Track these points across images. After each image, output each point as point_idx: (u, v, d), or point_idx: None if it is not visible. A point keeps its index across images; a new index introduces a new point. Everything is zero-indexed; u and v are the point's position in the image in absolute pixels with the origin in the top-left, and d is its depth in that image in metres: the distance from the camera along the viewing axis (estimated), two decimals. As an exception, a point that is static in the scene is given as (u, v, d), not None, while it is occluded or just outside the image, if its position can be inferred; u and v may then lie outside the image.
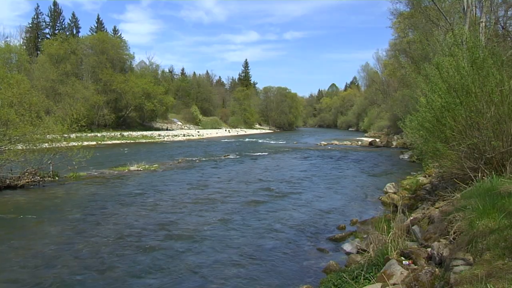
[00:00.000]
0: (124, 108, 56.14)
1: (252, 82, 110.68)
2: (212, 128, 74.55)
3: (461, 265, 3.87)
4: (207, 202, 11.56)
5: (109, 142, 38.12)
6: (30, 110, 14.74)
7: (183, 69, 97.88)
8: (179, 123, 72.18)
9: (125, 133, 47.58)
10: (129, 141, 40.48)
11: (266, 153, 29.50)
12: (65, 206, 11.10)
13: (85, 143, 21.14)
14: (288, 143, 42.71)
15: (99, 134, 43.12)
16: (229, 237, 8.24)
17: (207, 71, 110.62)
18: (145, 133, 51.16)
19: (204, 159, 24.41)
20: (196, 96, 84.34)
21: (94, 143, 31.98)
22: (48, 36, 63.36)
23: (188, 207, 10.87)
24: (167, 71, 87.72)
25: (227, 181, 15.82)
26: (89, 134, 33.37)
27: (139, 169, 18.56)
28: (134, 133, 49.01)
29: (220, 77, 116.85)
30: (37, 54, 58.69)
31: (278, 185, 14.99)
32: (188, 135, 53.78)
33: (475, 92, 6.77)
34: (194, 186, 14.36)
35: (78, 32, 67.41)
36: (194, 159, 24.17)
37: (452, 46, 8.23)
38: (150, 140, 43.06)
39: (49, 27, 65.98)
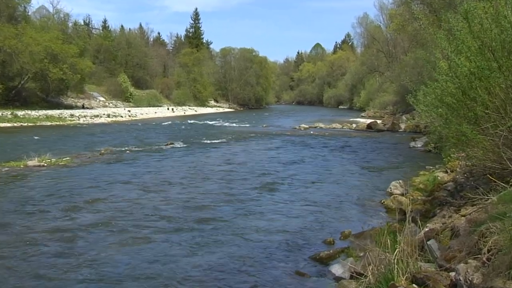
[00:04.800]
0: (17, 76, 54.12)
1: (205, 41, 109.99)
2: (149, 105, 73.63)
3: (501, 297, 3.83)
4: (137, 212, 11.29)
5: (-6, 125, 37.11)
6: None
7: (105, 21, 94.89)
8: (101, 98, 70.80)
9: (20, 113, 46.04)
10: (25, 124, 39.62)
11: (224, 141, 29.43)
12: None
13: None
14: (255, 127, 42.87)
15: (-22, 114, 41.75)
16: (164, 264, 8.01)
17: (140, 25, 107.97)
18: (50, 112, 49.88)
19: (137, 149, 24.17)
20: (125, 61, 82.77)
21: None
22: None
23: (109, 220, 10.56)
24: (82, 23, 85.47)
25: (169, 179, 15.60)
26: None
27: (42, 163, 18.18)
28: (34, 113, 47.68)
29: (159, 33, 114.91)
30: None
31: (240, 184, 14.91)
32: (115, 116, 53.19)
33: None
34: (121, 188, 14.05)
35: None
36: (123, 149, 23.91)
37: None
38: (58, 123, 42.37)
39: None
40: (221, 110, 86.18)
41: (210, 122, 48.67)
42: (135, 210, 11.44)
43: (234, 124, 46.25)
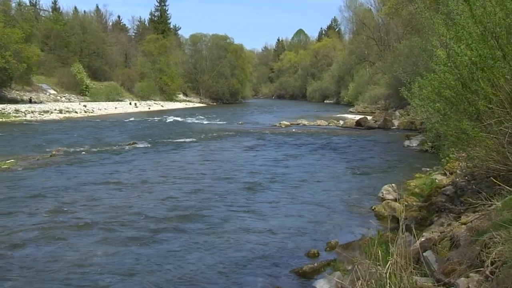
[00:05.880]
0: None
1: (172, 26, 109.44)
2: (108, 100, 72.89)
3: (506, 315, 3.84)
4: (91, 223, 11.12)
5: None
6: None
7: (55, 2, 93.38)
8: (52, 91, 69.86)
9: (-46, 108, 45.51)
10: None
11: (194, 140, 29.40)
12: None
13: None
14: (229, 124, 42.86)
15: None
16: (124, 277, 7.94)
17: (97, 7, 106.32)
18: (-9, 107, 49.30)
19: (94, 149, 23.98)
20: (80, 48, 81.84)
21: None
22: None
23: (57, 232, 10.42)
24: (27, 3, 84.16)
25: (130, 184, 15.50)
26: None
27: (-20, 167, 18.02)
28: (-29, 108, 47.10)
29: (119, 17, 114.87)
30: None
31: (213, 189, 14.87)
32: (68, 111, 52.72)
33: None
34: (75, 195, 13.85)
35: None
36: (77, 149, 23.73)
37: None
38: (0, 120, 42.11)
39: None
40: (191, 105, 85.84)
41: (179, 119, 48.45)
42: (88, 221, 11.27)
43: (206, 121, 46.23)
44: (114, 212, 12.10)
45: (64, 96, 69.65)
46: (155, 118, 49.56)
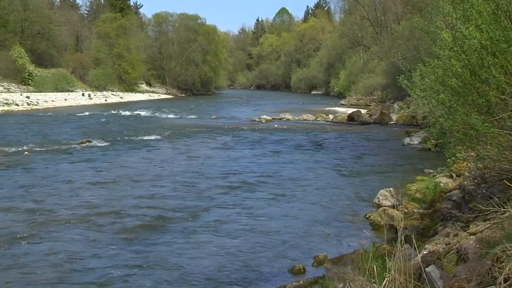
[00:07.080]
0: None
1: (132, 3, 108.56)
2: (56, 90, 72.12)
3: None
4: (25, 240, 11.04)
5: None
6: None
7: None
8: (-12, 80, 69.21)
9: None
10: None
11: (159, 138, 29.38)
12: None
13: None
14: (201, 119, 42.95)
15: None
16: None
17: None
18: None
19: (39, 149, 23.79)
20: (21, 28, 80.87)
21: None
22: None
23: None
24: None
25: (80, 189, 15.43)
26: None
27: None
28: None
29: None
30: None
31: (184, 194, 14.93)
32: (7, 103, 52.20)
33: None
34: (13, 203, 13.71)
35: None
36: (19, 149, 23.50)
37: None
38: None
39: None
40: (155, 96, 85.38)
41: (141, 113, 48.35)
42: (39, 231, 11.21)
43: (173, 116, 46.17)
44: (63, 218, 12.05)
45: (2, 86, 68.77)
46: (113, 111, 49.28)
